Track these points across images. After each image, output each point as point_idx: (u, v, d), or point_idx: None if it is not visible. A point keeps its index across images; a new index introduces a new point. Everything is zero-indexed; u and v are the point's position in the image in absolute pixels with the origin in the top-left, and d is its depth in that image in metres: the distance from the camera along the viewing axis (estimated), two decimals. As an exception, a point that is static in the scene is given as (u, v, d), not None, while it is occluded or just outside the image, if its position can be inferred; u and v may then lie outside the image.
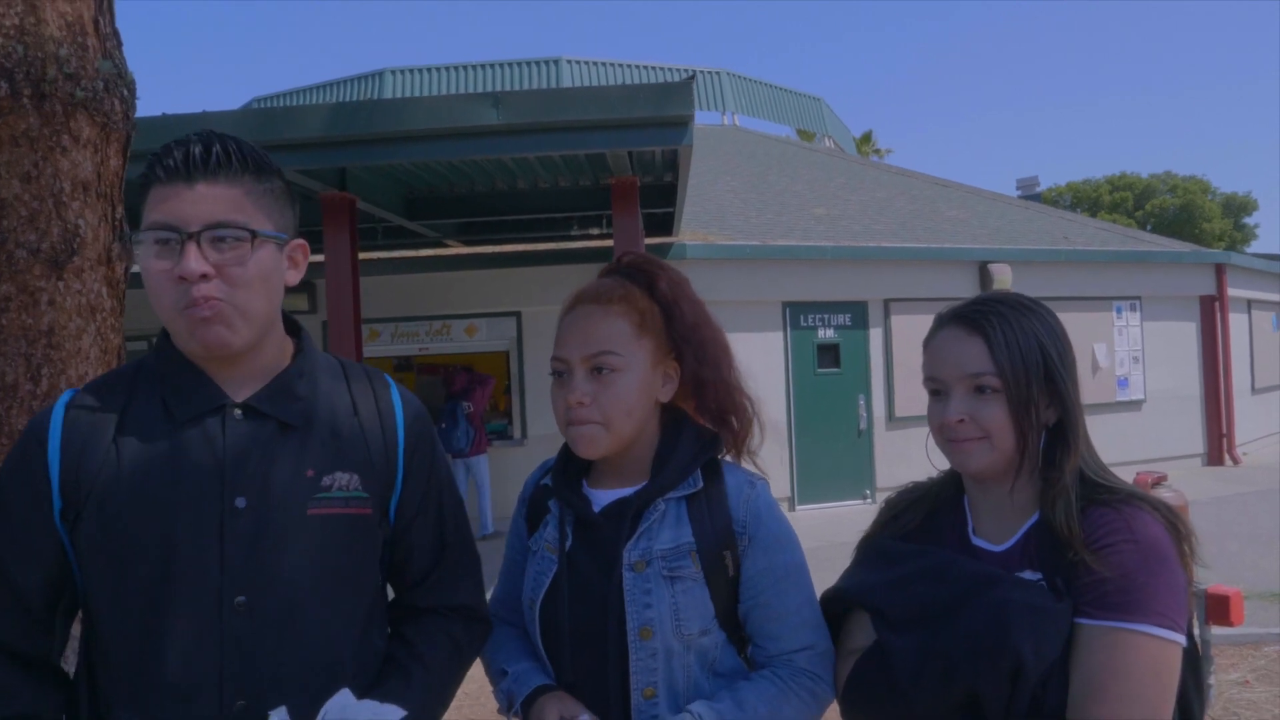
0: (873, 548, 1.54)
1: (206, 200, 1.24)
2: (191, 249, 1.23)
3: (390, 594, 1.49)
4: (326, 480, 1.33)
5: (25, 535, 1.29)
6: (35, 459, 1.29)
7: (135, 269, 2.53)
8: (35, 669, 1.32)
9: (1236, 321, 13.21)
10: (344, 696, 1.22)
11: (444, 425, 9.19)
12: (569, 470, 1.54)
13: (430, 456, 1.46)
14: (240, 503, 1.27)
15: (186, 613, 1.25)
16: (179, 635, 1.24)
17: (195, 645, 1.24)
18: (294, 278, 1.38)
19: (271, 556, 1.28)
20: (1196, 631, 1.48)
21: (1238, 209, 43.71)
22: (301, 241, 1.39)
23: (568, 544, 1.47)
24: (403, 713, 1.23)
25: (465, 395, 9.29)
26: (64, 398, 1.34)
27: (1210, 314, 12.67)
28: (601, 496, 1.49)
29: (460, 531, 1.50)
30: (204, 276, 1.24)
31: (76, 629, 1.38)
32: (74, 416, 1.31)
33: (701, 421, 1.53)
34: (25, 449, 1.31)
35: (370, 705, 1.22)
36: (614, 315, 1.46)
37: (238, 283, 1.26)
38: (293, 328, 1.44)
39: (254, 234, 1.28)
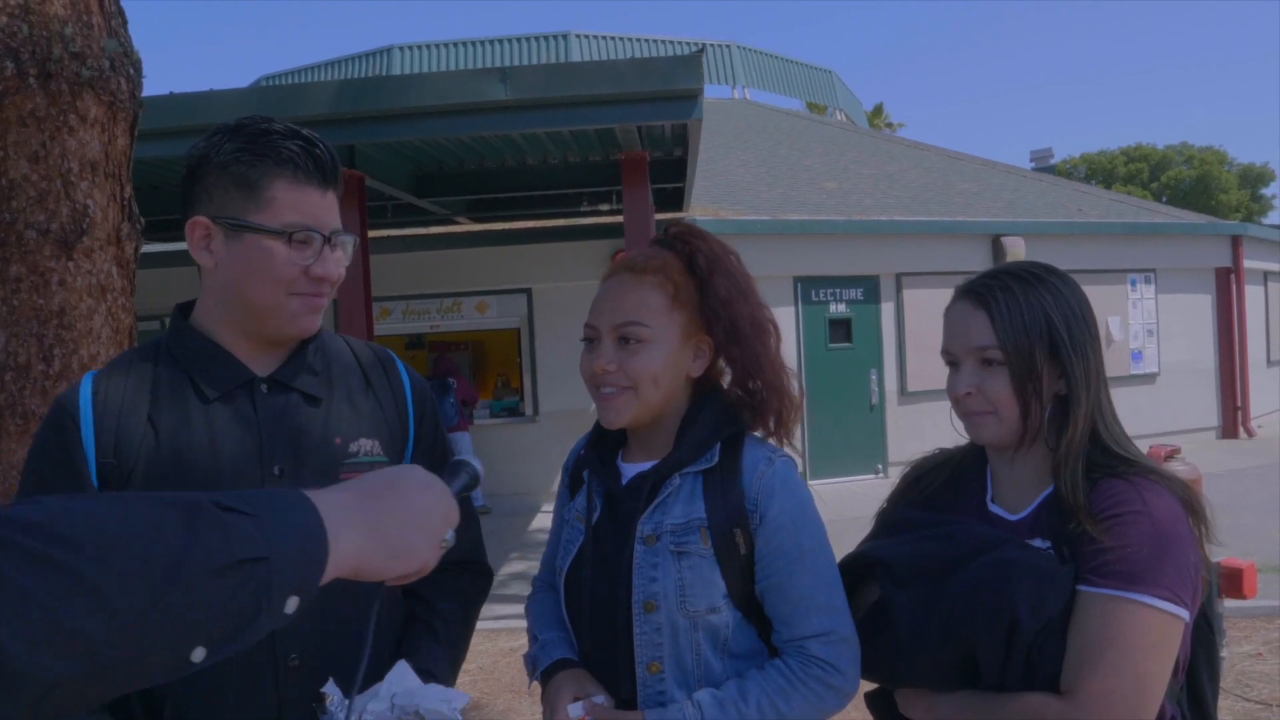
0: (888, 518, 1.55)
1: (333, 208, 1.37)
2: (331, 253, 1.35)
3: None
4: (353, 446, 1.41)
5: None
6: (70, 437, 1.31)
7: (145, 249, 2.53)
8: None
9: (1253, 294, 13.09)
10: (402, 670, 1.23)
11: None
12: (603, 442, 1.53)
13: (434, 422, 1.56)
14: (277, 470, 1.34)
15: None
16: None
17: None
18: None
19: None
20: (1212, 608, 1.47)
21: (1255, 180, 43.18)
22: None
23: (595, 515, 1.47)
24: (468, 698, 1.25)
25: (451, 374, 9.80)
26: (88, 377, 1.37)
27: (1226, 286, 12.55)
28: (629, 470, 1.49)
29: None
30: None
31: None
32: (104, 396, 1.33)
33: (734, 397, 1.49)
34: (58, 426, 1.32)
35: (436, 689, 1.23)
36: (647, 286, 1.43)
37: (337, 283, 1.40)
38: None
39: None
